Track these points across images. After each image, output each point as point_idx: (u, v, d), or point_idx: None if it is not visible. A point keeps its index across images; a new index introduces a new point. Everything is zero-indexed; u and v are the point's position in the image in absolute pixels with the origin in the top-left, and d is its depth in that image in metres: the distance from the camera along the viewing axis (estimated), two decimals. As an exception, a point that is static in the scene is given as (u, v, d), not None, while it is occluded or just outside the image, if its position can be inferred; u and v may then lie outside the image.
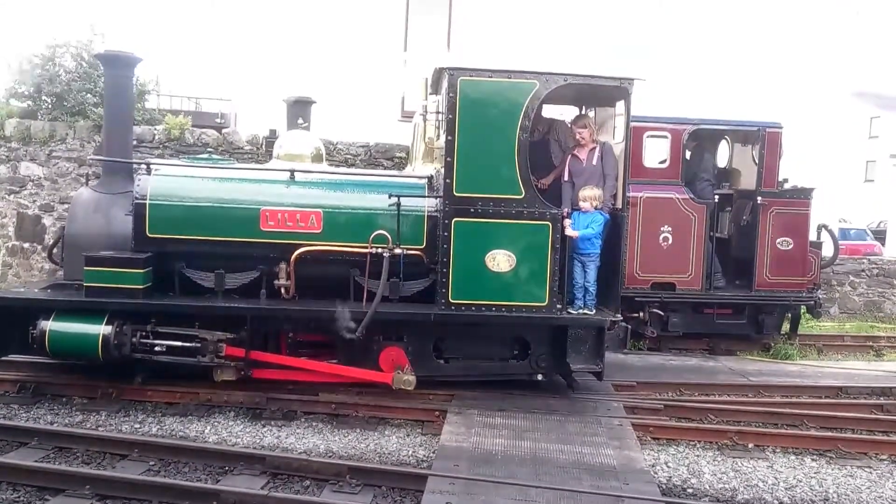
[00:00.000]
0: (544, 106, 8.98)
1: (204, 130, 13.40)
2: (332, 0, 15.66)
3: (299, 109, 9.57)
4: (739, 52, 16.18)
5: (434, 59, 8.53)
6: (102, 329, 7.20)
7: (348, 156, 13.03)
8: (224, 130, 13.66)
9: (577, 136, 8.03)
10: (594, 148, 7.95)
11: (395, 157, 12.99)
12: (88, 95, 13.38)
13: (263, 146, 12.52)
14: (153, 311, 7.44)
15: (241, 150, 12.94)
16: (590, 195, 7.60)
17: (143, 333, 7.38)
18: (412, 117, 10.23)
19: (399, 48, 15.76)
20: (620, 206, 7.88)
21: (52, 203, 13.04)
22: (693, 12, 16.35)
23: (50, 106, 13.75)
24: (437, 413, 7.40)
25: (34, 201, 13.05)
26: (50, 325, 7.20)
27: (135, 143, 12.25)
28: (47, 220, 13.04)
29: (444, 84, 7.35)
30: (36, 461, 6.01)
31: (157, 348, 7.39)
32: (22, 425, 6.77)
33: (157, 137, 12.86)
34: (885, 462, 6.97)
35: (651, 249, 10.16)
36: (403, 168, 11.59)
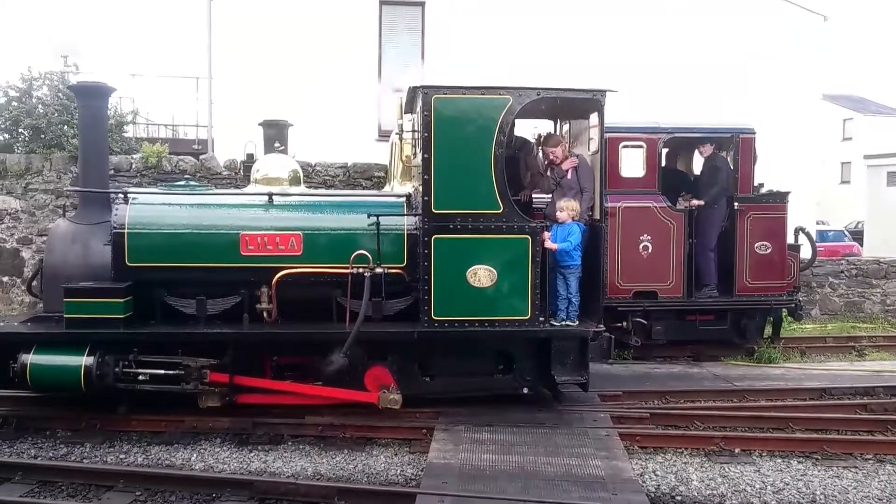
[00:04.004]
0: (517, 126, 9.09)
1: (181, 157, 13.36)
2: (305, 23, 15.70)
3: (276, 133, 9.57)
4: (710, 57, 16.36)
5: (409, 78, 8.58)
6: (84, 360, 7.15)
7: (327, 177, 13.02)
8: (202, 156, 13.61)
9: (551, 156, 8.13)
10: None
11: (373, 177, 13.00)
12: (66, 127, 13.33)
13: (241, 171, 12.50)
14: (135, 340, 7.39)
15: (220, 176, 12.90)
16: (567, 206, 7.67)
17: (126, 363, 7.32)
18: (389, 136, 10.26)
19: (373, 68, 15.83)
20: (598, 217, 7.94)
21: (30, 236, 12.94)
22: (662, 22, 16.54)
23: (27, 139, 13.68)
24: (424, 431, 7.39)
25: (12, 234, 12.94)
26: (31, 358, 7.15)
27: (112, 172, 12.19)
28: (26, 253, 12.94)
29: (419, 103, 7.40)
30: (21, 496, 5.95)
31: (140, 377, 7.34)
32: (5, 460, 6.70)
33: (134, 166, 12.81)
34: (871, 461, 7.02)
35: (632, 258, 10.20)
36: (382, 187, 11.61)
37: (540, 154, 8.97)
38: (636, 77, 14.61)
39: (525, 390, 7.93)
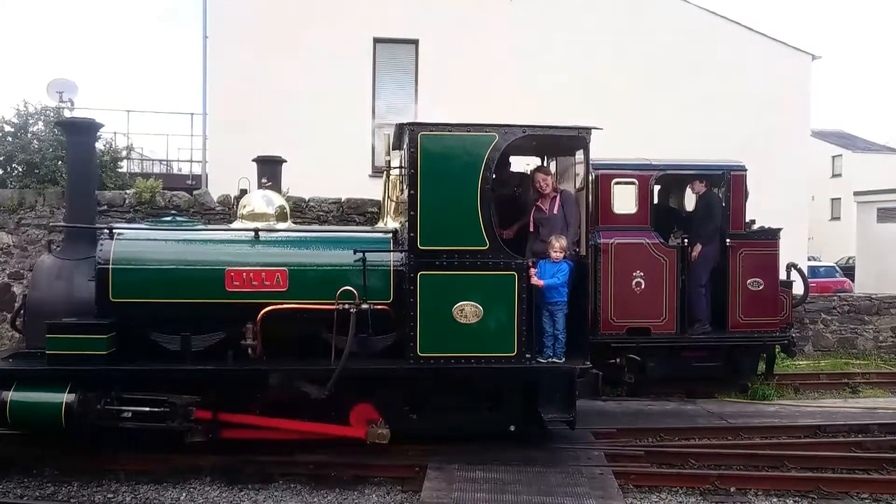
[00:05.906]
0: (513, 162, 9.08)
1: (175, 192, 13.34)
2: (300, 60, 15.82)
3: (269, 169, 9.57)
4: (701, 95, 16.52)
5: (402, 114, 8.61)
6: (65, 397, 7.03)
7: (321, 212, 13.01)
8: (195, 192, 13.60)
9: (541, 185, 8.10)
10: (555, 197, 8.04)
11: (367, 213, 12.98)
12: (60, 163, 13.33)
13: (235, 206, 12.47)
14: (118, 378, 7.29)
15: (213, 211, 12.87)
16: (559, 244, 7.64)
17: (109, 400, 7.21)
18: (382, 172, 10.27)
19: (367, 104, 15.91)
20: (584, 253, 7.90)
21: (21, 271, 12.87)
22: (652, 60, 16.72)
23: (21, 173, 13.68)
24: (416, 469, 7.32)
25: (3, 269, 12.89)
26: (10, 395, 7.02)
27: (105, 207, 12.20)
28: (17, 289, 12.86)
29: (406, 139, 7.41)
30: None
31: (123, 415, 7.22)
32: (-13, 501, 6.59)
33: (127, 201, 12.79)
34: (867, 500, 6.95)
35: (624, 295, 10.11)
36: (376, 223, 11.59)
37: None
38: (626, 114, 14.71)
39: (512, 428, 7.83)
